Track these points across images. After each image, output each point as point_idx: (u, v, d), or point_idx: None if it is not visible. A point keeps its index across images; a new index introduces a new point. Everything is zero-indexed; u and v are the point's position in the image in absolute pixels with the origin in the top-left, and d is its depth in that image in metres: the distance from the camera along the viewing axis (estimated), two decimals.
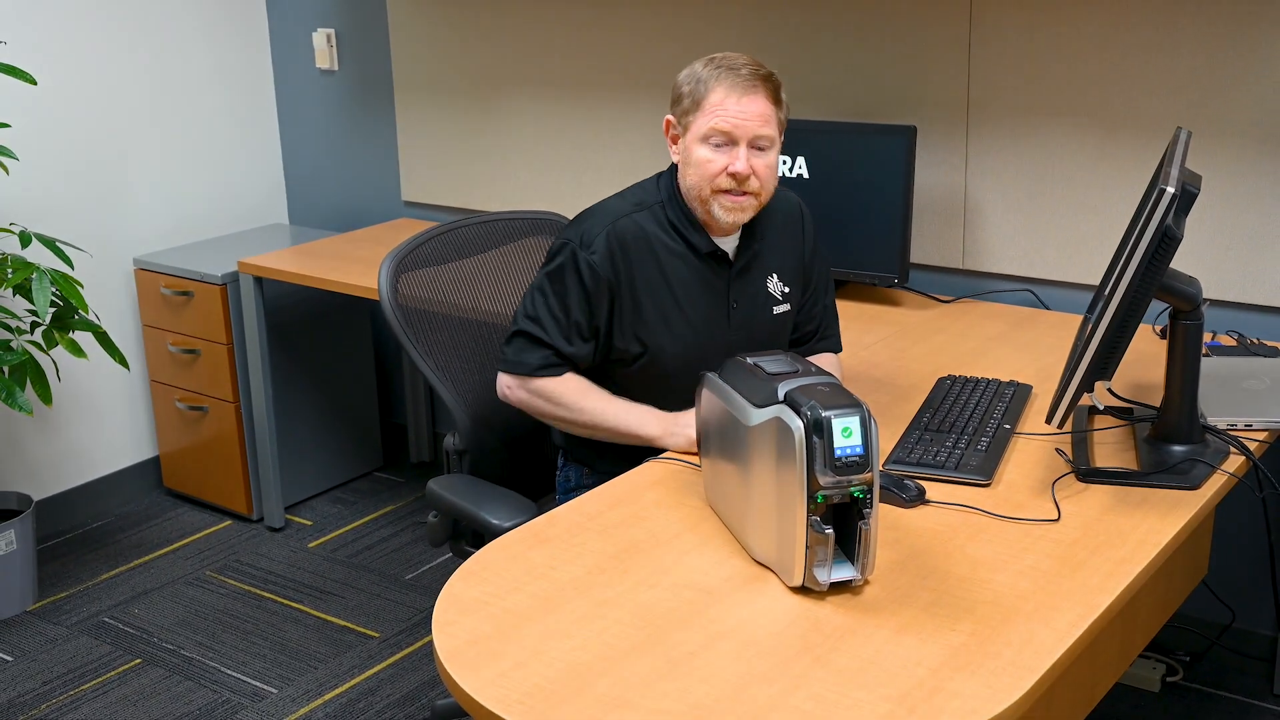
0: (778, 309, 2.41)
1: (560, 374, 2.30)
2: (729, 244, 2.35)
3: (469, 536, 2.51)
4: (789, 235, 2.44)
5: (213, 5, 4.07)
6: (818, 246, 2.49)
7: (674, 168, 2.34)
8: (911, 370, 2.60)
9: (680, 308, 2.32)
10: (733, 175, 2.21)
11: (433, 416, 4.23)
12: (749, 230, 2.36)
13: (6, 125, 3.13)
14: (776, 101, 2.24)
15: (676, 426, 2.25)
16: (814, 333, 2.51)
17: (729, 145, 2.21)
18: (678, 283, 2.31)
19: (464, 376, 2.58)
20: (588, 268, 2.26)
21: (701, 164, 2.23)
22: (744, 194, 2.23)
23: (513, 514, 2.29)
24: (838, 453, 1.72)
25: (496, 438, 2.59)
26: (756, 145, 2.22)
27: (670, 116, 2.31)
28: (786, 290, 2.42)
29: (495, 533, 2.24)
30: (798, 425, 1.72)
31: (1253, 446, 2.19)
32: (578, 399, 2.30)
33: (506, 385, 2.35)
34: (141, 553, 3.76)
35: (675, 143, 2.31)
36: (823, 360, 2.45)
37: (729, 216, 2.25)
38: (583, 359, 2.31)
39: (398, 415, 4.31)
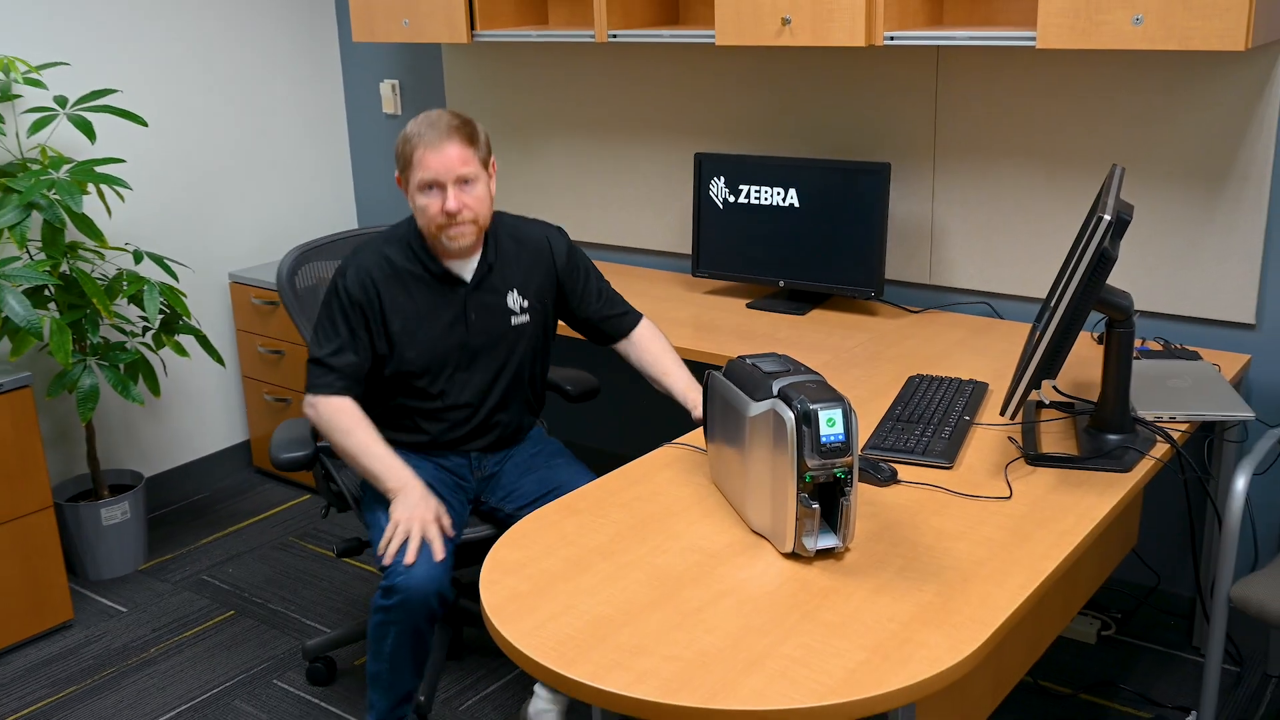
0: (516, 320, 2.48)
1: (337, 394, 2.37)
2: (465, 268, 2.43)
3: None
4: (535, 263, 2.50)
5: (297, 58, 4.08)
6: (574, 258, 2.55)
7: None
8: (886, 370, 2.59)
9: (421, 319, 2.41)
10: (447, 213, 2.30)
11: None
12: (485, 256, 2.44)
13: (122, 160, 3.15)
14: (470, 143, 2.31)
15: (409, 493, 2.28)
16: (616, 326, 2.57)
17: (440, 189, 2.30)
18: (419, 299, 2.41)
19: None
20: (345, 292, 2.38)
21: (422, 209, 2.33)
22: (461, 224, 2.32)
23: (291, 447, 2.48)
24: (823, 439, 1.72)
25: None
26: (462, 182, 2.30)
27: (398, 174, 2.38)
28: (526, 304, 2.48)
29: (274, 462, 2.48)
30: (790, 416, 1.72)
31: (1176, 436, 2.19)
32: (349, 428, 2.36)
33: (306, 404, 2.42)
34: (234, 521, 3.78)
35: (406, 193, 2.38)
36: (648, 337, 2.57)
37: (455, 244, 2.35)
38: (356, 368, 2.39)
39: None
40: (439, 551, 2.24)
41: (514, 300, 2.47)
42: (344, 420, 2.36)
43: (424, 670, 2.39)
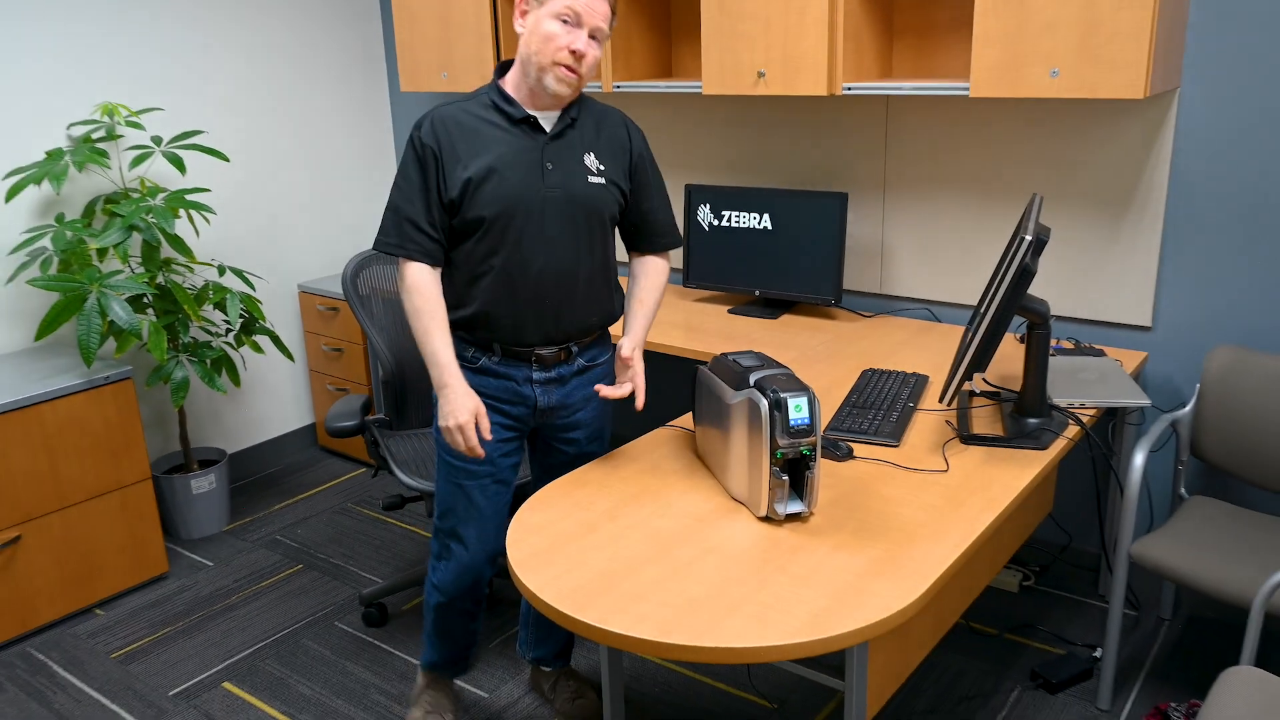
0: (592, 179, 2.00)
1: (412, 256, 1.96)
2: (546, 119, 1.98)
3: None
4: (611, 134, 2.05)
5: (354, 105, 4.07)
6: (646, 154, 2.10)
7: (501, 70, 2.03)
8: (844, 365, 2.59)
9: (497, 161, 1.94)
10: (572, 52, 1.89)
11: None
12: (565, 113, 1.99)
13: (208, 190, 3.14)
14: (614, 9, 1.95)
15: (451, 395, 1.94)
16: (648, 233, 2.14)
17: (575, 26, 1.89)
18: (494, 142, 1.95)
19: (392, 335, 2.79)
20: (418, 141, 1.95)
21: (549, 36, 1.89)
22: (575, 72, 1.91)
23: (342, 419, 2.53)
24: (792, 423, 1.72)
25: (412, 373, 2.81)
26: (593, 35, 1.91)
27: None
28: (602, 168, 2.02)
29: (328, 430, 2.48)
30: (764, 403, 1.72)
31: (1085, 420, 2.19)
32: (419, 309, 1.95)
33: (400, 265, 1.99)
34: (302, 490, 3.78)
35: (524, 16, 1.94)
36: (650, 266, 2.16)
37: (558, 86, 1.91)
38: (430, 221, 1.96)
39: None
40: (479, 451, 1.98)
41: (591, 161, 2.01)
42: (417, 299, 1.95)
43: (466, 644, 2.36)
